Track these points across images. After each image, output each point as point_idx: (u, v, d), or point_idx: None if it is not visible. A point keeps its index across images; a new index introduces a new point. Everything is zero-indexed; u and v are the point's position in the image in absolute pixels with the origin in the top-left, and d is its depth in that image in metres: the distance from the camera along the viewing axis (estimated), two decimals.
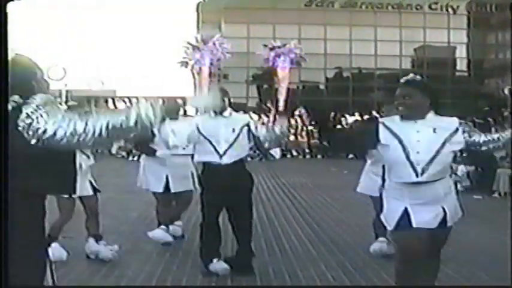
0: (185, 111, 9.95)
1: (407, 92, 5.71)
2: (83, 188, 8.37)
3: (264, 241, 10.12)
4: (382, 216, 5.88)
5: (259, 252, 9.24)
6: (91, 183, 8.74)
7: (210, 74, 51.89)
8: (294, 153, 36.62)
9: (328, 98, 55.55)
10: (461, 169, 18.94)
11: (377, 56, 58.72)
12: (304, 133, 38.47)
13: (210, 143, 7.95)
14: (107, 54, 59.94)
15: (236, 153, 8.03)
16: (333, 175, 21.77)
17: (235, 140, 8.02)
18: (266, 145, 8.44)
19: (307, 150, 36.54)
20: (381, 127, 5.68)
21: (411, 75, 6.02)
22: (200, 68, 50.80)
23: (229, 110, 8.33)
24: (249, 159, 28.11)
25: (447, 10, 58.14)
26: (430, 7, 57.95)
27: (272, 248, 9.64)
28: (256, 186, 16.72)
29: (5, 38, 4.27)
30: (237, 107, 31.78)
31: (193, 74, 52.05)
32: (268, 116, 41.68)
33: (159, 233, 9.52)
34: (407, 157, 5.49)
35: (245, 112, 32.35)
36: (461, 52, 60.49)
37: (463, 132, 5.60)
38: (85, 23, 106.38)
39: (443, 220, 5.64)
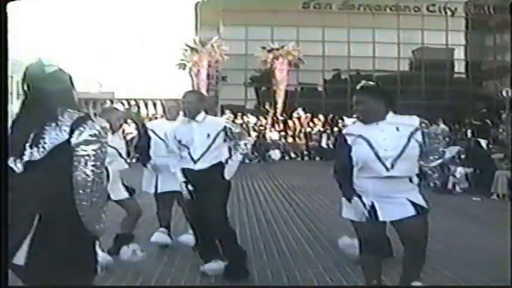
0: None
1: (359, 99, 6.12)
2: (119, 191, 8.43)
3: (262, 243, 10.12)
4: (346, 211, 6.26)
5: (258, 253, 9.26)
6: (125, 186, 8.75)
7: (208, 76, 52.00)
8: (293, 155, 36.63)
9: (327, 100, 55.52)
10: (460, 171, 18.98)
11: (375, 58, 58.72)
12: (302, 135, 38.52)
13: (186, 148, 7.86)
14: (105, 56, 59.89)
15: (212, 158, 7.86)
16: (331, 177, 21.70)
17: (210, 145, 7.83)
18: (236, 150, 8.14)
19: (305, 152, 36.57)
20: (347, 138, 6.10)
21: (363, 81, 6.37)
22: (198, 70, 50.93)
23: (203, 114, 8.04)
24: (247, 161, 28.13)
25: (445, 12, 58.15)
26: (428, 9, 57.97)
27: (270, 249, 9.65)
28: (254, 188, 16.73)
29: (5, 38, 4.29)
30: (235, 109, 31.97)
31: (191, 76, 52.13)
32: (266, 118, 41.74)
33: (157, 236, 9.55)
34: (376, 154, 5.88)
35: (243, 114, 32.13)
36: (459, 54, 60.49)
37: (423, 132, 5.98)
38: (82, 25, 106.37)
39: (412, 211, 5.91)
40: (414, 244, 6.05)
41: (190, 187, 7.84)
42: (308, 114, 41.73)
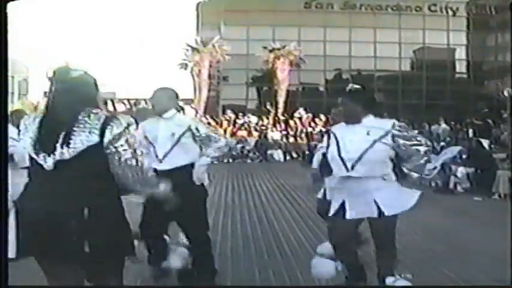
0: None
1: (341, 101, 6.53)
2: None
3: (263, 243, 10.13)
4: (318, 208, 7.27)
5: (259, 253, 9.27)
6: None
7: (210, 76, 52.04)
8: (294, 155, 36.62)
9: (328, 99, 55.53)
10: (461, 171, 18.97)
11: (376, 58, 58.80)
12: (303, 135, 38.54)
13: (153, 147, 7.30)
14: (106, 56, 59.97)
15: (177, 160, 7.18)
16: None
17: (174, 145, 7.20)
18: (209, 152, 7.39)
19: (307, 152, 36.55)
20: (331, 135, 6.59)
21: (350, 85, 6.80)
22: (200, 70, 50.96)
23: (173, 111, 7.35)
24: (248, 161, 28.20)
25: (447, 12, 58.23)
26: (429, 9, 58.04)
27: (272, 249, 9.65)
28: (256, 188, 16.72)
29: (5, 38, 4.34)
30: (237, 109, 32.02)
31: (193, 76, 52.17)
32: (268, 118, 41.77)
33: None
34: (339, 155, 6.35)
35: (244, 114, 32.12)
36: (460, 54, 60.57)
37: (393, 135, 6.25)
38: (83, 25, 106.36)
39: (378, 211, 6.28)
40: (380, 242, 6.53)
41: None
42: (309, 114, 41.76)
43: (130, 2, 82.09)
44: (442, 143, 28.37)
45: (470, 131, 33.80)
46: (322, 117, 40.17)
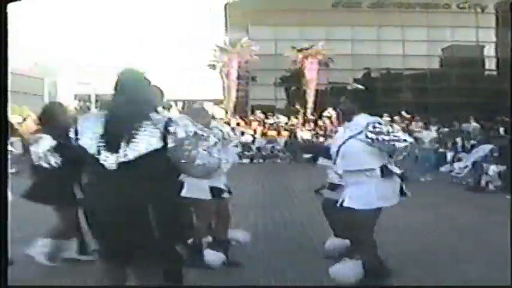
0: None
1: (342, 99, 7.23)
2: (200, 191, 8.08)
3: (295, 244, 10.16)
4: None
5: (293, 254, 9.30)
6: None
7: (239, 77, 52.09)
8: None
9: None
10: (493, 169, 18.92)
11: (405, 56, 58.59)
12: (333, 134, 38.40)
13: None
14: (136, 57, 60.07)
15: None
16: None
17: None
18: None
19: None
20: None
21: (354, 85, 7.25)
22: (228, 71, 51.02)
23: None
24: (278, 160, 28.14)
25: (475, 9, 57.89)
26: (457, 6, 57.72)
27: (303, 250, 9.67)
28: (286, 188, 16.67)
29: (5, 38, 4.47)
30: (266, 110, 31.92)
31: (222, 76, 52.27)
32: (297, 118, 41.74)
33: None
34: (329, 151, 7.34)
35: (273, 114, 31.95)
36: (489, 51, 60.20)
37: (368, 131, 6.74)
38: (113, 27, 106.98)
39: (354, 204, 6.83)
40: (348, 234, 7.56)
41: None
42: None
43: (159, 3, 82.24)
44: (473, 142, 28.27)
45: (501, 129, 33.57)
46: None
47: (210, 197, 8.09)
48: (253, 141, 35.15)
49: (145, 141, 4.55)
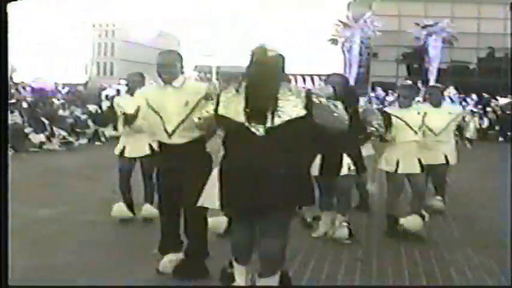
0: None
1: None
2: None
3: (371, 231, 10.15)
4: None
5: (364, 243, 9.30)
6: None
7: (360, 52, 51.83)
8: None
9: (480, 79, 54.36)
10: None
11: None
12: None
13: (160, 118, 6.61)
14: (257, 31, 60.51)
15: (189, 133, 6.50)
16: (485, 162, 20.78)
17: (187, 116, 6.49)
18: None
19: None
20: None
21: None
22: (350, 46, 50.80)
23: (181, 78, 6.72)
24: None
25: None
26: None
27: (374, 239, 9.66)
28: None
29: (5, 38, 4.64)
30: (386, 86, 31.67)
31: (343, 51, 52.12)
32: (418, 96, 41.24)
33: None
34: None
35: (393, 91, 31.81)
36: None
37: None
38: (235, 1, 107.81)
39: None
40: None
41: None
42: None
43: None
44: None
45: None
46: (474, 96, 39.18)
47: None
48: None
49: (289, 111, 5.24)
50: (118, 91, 33.23)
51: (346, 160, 8.53)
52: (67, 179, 14.32)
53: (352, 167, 8.56)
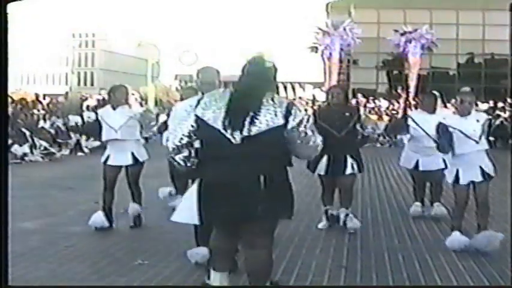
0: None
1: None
2: None
3: (393, 227, 10.25)
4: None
5: (389, 236, 9.40)
6: None
7: (340, 60, 51.96)
8: None
9: (460, 84, 54.61)
10: None
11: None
12: None
13: None
14: (237, 39, 60.69)
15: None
16: None
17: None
18: None
19: None
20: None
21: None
22: (330, 54, 50.93)
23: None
24: (378, 145, 27.92)
25: None
26: None
27: (402, 233, 9.75)
28: (386, 171, 16.65)
29: (5, 38, 4.66)
30: (367, 93, 32.03)
31: (323, 59, 52.25)
32: (398, 102, 41.49)
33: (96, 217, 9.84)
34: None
35: (374, 98, 32.18)
36: None
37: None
38: (215, 10, 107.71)
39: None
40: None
41: None
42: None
43: None
44: None
45: None
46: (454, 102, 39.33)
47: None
48: None
49: (267, 120, 5.16)
50: (99, 101, 33.21)
51: (350, 160, 9.68)
52: (50, 190, 14.29)
53: (355, 167, 9.74)
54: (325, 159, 9.67)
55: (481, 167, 8.34)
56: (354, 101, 41.88)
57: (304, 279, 7.12)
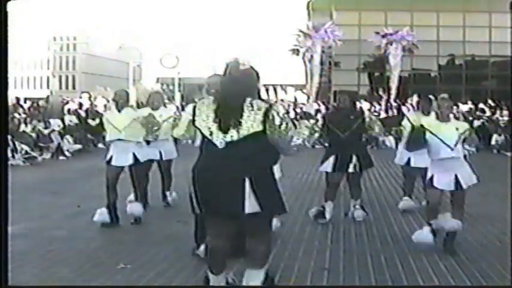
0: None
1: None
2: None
3: (375, 228, 10.29)
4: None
5: (371, 239, 9.44)
6: None
7: (321, 62, 52.10)
8: None
9: (441, 85, 54.81)
10: None
11: (491, 43, 57.68)
12: None
13: None
14: (218, 42, 60.65)
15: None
16: None
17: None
18: None
19: None
20: None
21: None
22: (312, 56, 51.05)
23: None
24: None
25: None
26: None
27: (384, 235, 9.79)
28: (368, 173, 16.77)
29: (5, 37, 4.68)
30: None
31: (304, 61, 52.37)
32: (380, 104, 41.57)
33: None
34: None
35: (356, 100, 32.49)
36: None
37: None
38: (196, 12, 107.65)
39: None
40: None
41: None
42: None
43: None
44: None
45: None
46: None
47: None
48: None
49: (249, 125, 5.43)
50: (80, 104, 33.08)
51: (354, 159, 10.46)
52: (32, 194, 14.24)
53: (358, 167, 10.55)
54: (332, 157, 10.54)
55: (456, 176, 8.35)
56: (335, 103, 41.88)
57: (287, 282, 7.13)
